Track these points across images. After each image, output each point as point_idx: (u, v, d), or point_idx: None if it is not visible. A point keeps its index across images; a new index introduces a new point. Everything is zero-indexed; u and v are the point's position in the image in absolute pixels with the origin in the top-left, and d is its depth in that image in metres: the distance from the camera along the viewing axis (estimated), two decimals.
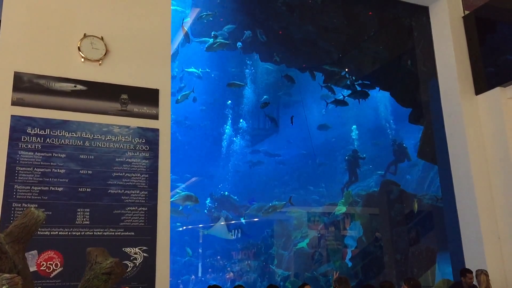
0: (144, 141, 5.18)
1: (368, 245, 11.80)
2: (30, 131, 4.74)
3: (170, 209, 5.23)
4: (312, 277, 11.68)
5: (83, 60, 5.11)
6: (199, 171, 15.22)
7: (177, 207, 12.48)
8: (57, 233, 4.61)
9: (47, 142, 4.78)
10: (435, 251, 10.48)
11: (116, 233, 4.84)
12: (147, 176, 5.09)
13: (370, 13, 10.22)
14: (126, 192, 4.96)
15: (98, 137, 4.99)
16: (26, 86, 4.81)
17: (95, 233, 4.75)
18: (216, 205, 14.15)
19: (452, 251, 7.86)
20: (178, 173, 13.33)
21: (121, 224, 4.87)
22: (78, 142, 4.90)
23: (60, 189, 4.72)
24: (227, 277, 13.52)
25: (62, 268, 4.54)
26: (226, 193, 14.62)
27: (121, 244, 4.81)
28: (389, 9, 9.52)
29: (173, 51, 12.47)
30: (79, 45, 5.11)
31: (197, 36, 13.31)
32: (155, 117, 5.30)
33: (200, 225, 14.34)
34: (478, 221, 6.87)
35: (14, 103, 4.73)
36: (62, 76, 4.98)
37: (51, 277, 4.49)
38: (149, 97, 5.31)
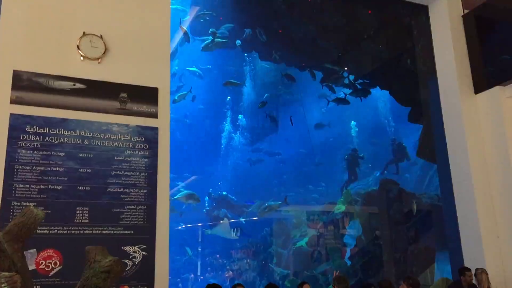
0: (143, 139, 5.17)
1: (367, 244, 11.82)
2: (29, 130, 4.73)
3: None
4: (311, 275, 11.70)
5: (82, 58, 5.10)
6: (198, 169, 15.19)
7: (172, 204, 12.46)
8: (56, 231, 4.61)
9: (46, 140, 4.77)
10: (434, 250, 10.50)
11: (115, 232, 4.83)
12: (146, 174, 5.09)
13: (370, 12, 10.21)
14: (125, 190, 4.96)
15: (97, 135, 4.99)
16: (25, 84, 4.80)
17: (94, 231, 4.74)
18: (214, 205, 14.15)
19: (451, 250, 7.86)
20: (177, 171, 13.31)
21: (120, 222, 4.87)
22: (77, 140, 4.89)
23: (59, 187, 4.71)
24: (226, 275, 13.53)
25: (61, 267, 4.54)
26: (224, 193, 14.62)
27: (120, 242, 4.81)
28: (388, 8, 9.52)
29: (172, 50, 12.44)
30: (78, 44, 5.10)
31: (197, 34, 13.28)
32: (154, 115, 5.29)
33: (199, 224, 14.34)
34: (477, 220, 6.87)
35: (13, 102, 4.72)
36: (61, 75, 4.97)
37: (50, 275, 4.49)
38: (149, 95, 5.30)
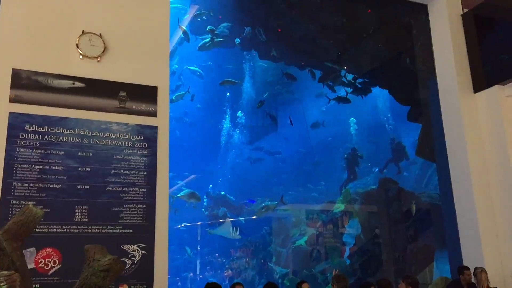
0: (142, 138, 5.17)
1: (367, 243, 11.82)
2: (28, 128, 4.73)
3: None
4: (310, 274, 11.69)
5: (81, 57, 5.10)
6: (197, 168, 15.18)
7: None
8: (55, 230, 4.61)
9: (45, 139, 4.77)
10: (433, 249, 10.50)
11: (115, 231, 4.83)
12: (145, 173, 5.09)
13: (369, 11, 10.21)
14: (124, 189, 4.96)
15: (97, 134, 4.99)
16: (24, 83, 4.80)
17: (93, 230, 4.75)
18: (212, 205, 14.16)
19: (450, 249, 7.87)
20: (176, 170, 13.31)
21: (120, 221, 4.87)
22: (76, 139, 4.89)
23: (58, 186, 4.71)
24: (225, 274, 13.52)
25: (60, 265, 4.54)
26: (223, 192, 14.62)
27: (119, 241, 4.81)
28: (388, 7, 9.52)
29: (172, 48, 12.42)
30: (77, 42, 5.09)
31: (196, 33, 13.27)
32: (153, 114, 5.29)
33: (199, 223, 14.34)
34: (476, 219, 6.88)
35: (12, 100, 4.72)
36: (60, 73, 4.97)
37: (49, 274, 4.49)
38: (148, 94, 5.30)
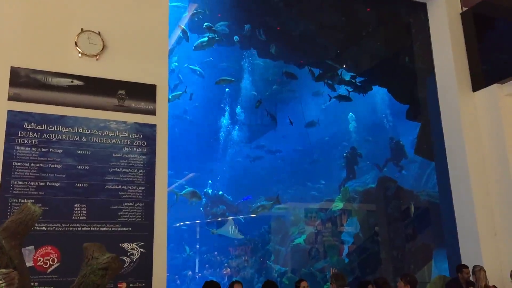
0: (141, 136, 5.17)
1: (365, 241, 11.84)
2: (26, 126, 4.72)
3: None
4: (309, 273, 11.71)
5: (80, 55, 5.09)
6: (195, 167, 15.18)
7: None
8: (54, 228, 4.61)
9: (44, 137, 4.77)
10: (431, 247, 10.52)
11: (113, 229, 4.83)
12: (144, 171, 5.09)
13: (368, 9, 10.20)
14: (123, 187, 4.96)
15: (95, 132, 4.98)
16: (23, 81, 4.79)
17: (92, 228, 4.75)
18: (210, 204, 14.19)
19: (448, 247, 7.89)
20: (174, 168, 13.30)
21: (118, 219, 4.87)
22: (75, 137, 4.89)
23: (57, 184, 4.71)
24: (224, 272, 13.54)
25: (59, 264, 4.54)
26: (220, 192, 14.63)
27: (118, 239, 4.81)
28: (387, 5, 9.52)
29: (171, 47, 12.40)
30: (76, 40, 5.09)
31: (195, 32, 13.26)
32: (152, 112, 5.29)
33: (197, 221, 14.36)
34: (474, 217, 6.90)
35: (10, 98, 4.72)
36: (59, 71, 4.97)
37: (48, 272, 4.49)
38: (147, 92, 5.30)
